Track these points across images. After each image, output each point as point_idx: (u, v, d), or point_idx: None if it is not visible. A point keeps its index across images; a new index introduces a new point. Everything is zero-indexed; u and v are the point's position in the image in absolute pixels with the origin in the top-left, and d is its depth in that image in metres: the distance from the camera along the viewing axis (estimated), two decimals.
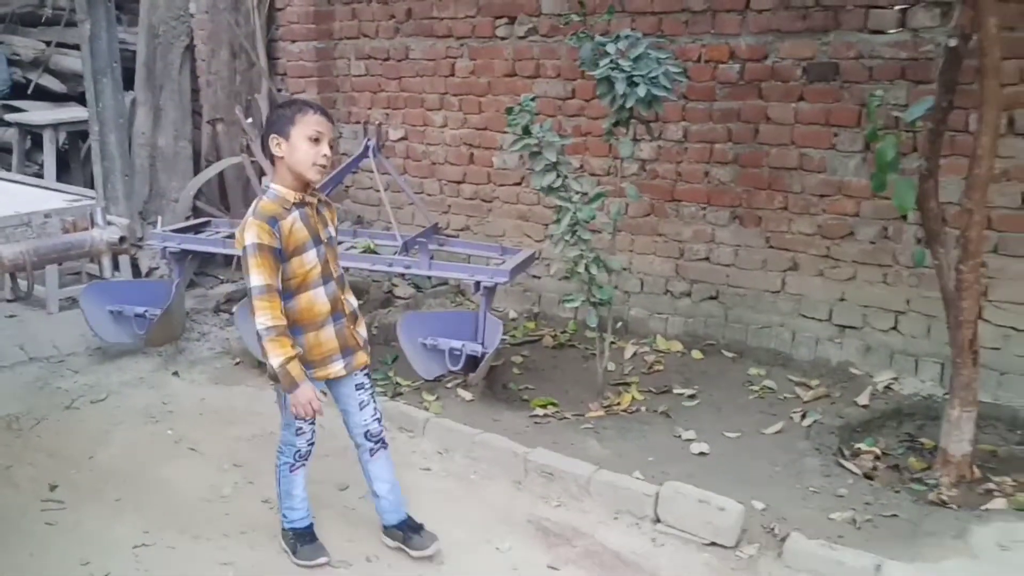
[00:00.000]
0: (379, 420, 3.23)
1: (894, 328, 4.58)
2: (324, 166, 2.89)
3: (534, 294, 5.78)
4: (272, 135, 2.89)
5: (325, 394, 3.11)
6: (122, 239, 3.21)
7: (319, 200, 3.03)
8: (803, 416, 4.25)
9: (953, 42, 3.51)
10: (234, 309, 5.11)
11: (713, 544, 3.33)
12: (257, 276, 2.81)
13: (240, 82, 6.67)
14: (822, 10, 4.52)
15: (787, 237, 4.83)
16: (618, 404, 4.50)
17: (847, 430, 4.15)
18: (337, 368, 3.06)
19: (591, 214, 4.31)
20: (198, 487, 3.82)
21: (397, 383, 4.72)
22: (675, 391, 4.59)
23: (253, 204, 2.92)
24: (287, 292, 2.92)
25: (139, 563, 3.30)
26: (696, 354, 5.03)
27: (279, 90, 6.59)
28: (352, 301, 3.12)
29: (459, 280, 5.54)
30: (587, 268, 4.36)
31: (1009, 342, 4.28)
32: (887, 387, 4.48)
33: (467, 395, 4.57)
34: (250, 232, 2.83)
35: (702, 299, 5.18)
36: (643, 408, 4.44)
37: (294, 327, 2.93)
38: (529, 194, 5.65)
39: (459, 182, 6.04)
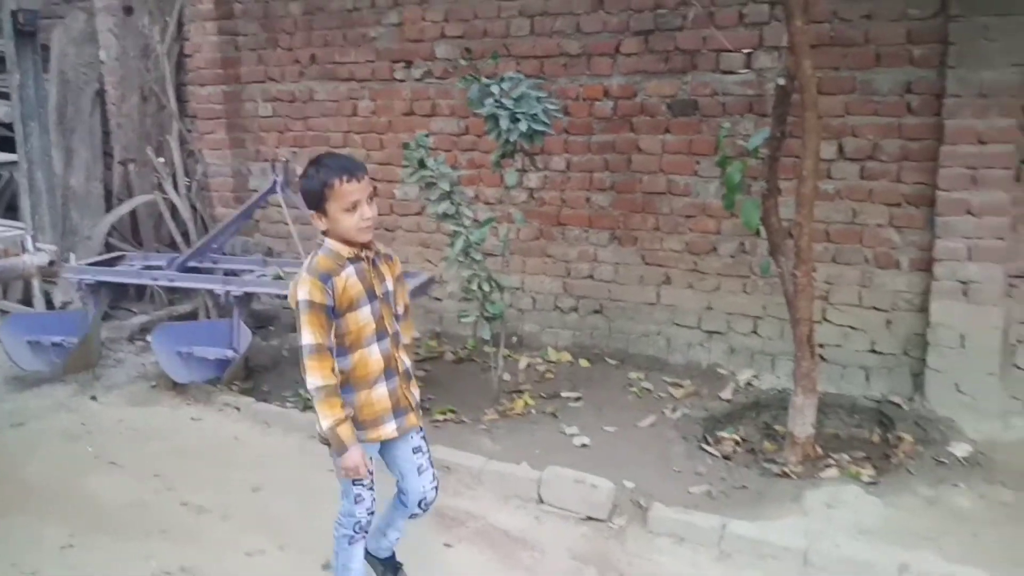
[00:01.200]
0: (436, 488, 3.10)
1: (754, 331, 5.16)
2: (368, 226, 2.76)
3: (436, 315, 6.21)
4: (311, 212, 2.77)
5: (371, 459, 2.94)
6: (51, 263, 3.52)
7: (377, 253, 2.86)
8: (673, 411, 4.77)
9: (782, 81, 4.12)
10: (149, 337, 5.40)
11: (589, 518, 3.80)
12: (308, 335, 2.68)
13: (151, 124, 6.98)
14: (681, 53, 5.13)
15: (660, 254, 5.39)
16: (512, 409, 4.94)
17: (711, 421, 4.68)
18: (389, 429, 2.89)
19: (482, 237, 4.78)
20: (120, 495, 4.11)
21: (307, 397, 5.05)
22: (563, 395, 5.06)
23: (308, 259, 2.79)
24: (340, 349, 2.78)
25: (65, 561, 3.58)
26: (583, 363, 5.53)
27: (189, 131, 6.93)
28: (406, 360, 2.94)
29: None
30: (480, 286, 4.83)
31: (848, 339, 4.89)
32: (748, 383, 5.05)
33: None
34: (303, 289, 2.70)
35: (588, 313, 5.69)
36: (534, 411, 4.90)
37: (345, 386, 2.80)
38: (429, 222, 6.09)
39: None
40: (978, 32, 4.20)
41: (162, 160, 6.16)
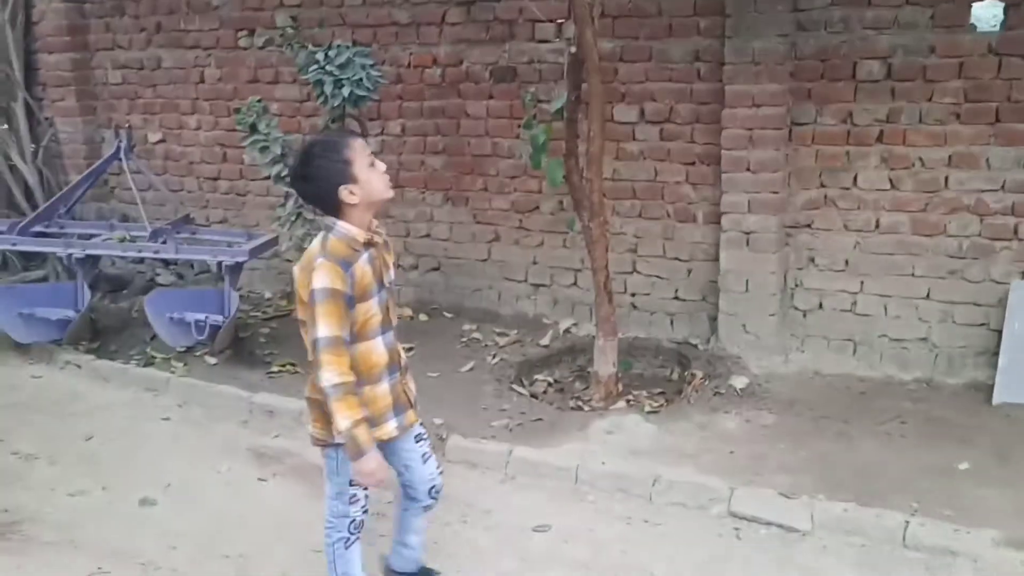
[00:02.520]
0: (442, 472, 2.94)
1: (574, 283, 5.58)
2: (389, 179, 2.62)
3: (288, 276, 6.46)
4: (341, 188, 2.49)
5: None
6: None
7: (384, 240, 2.69)
8: (493, 357, 5.16)
9: (573, 49, 4.49)
10: None
11: None
12: (325, 326, 2.42)
13: None
14: (500, 23, 5.47)
15: (489, 213, 5.75)
16: None
17: (527, 365, 5.09)
18: (390, 428, 2.69)
19: None
20: None
21: (152, 355, 5.28)
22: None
23: (318, 242, 2.54)
24: (349, 340, 2.54)
25: None
26: (423, 317, 5.87)
27: (39, 99, 6.97)
28: (403, 354, 2.78)
29: (205, 261, 6.07)
30: None
31: (655, 288, 5.35)
32: (567, 331, 5.47)
33: (212, 360, 5.21)
34: (322, 276, 2.43)
35: (427, 270, 6.03)
36: None
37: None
38: (279, 187, 6.31)
39: (215, 179, 6.64)
40: (749, 5, 4.64)
41: (6, 127, 6.20)
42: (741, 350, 4.97)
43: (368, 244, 2.55)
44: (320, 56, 4.96)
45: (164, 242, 5.47)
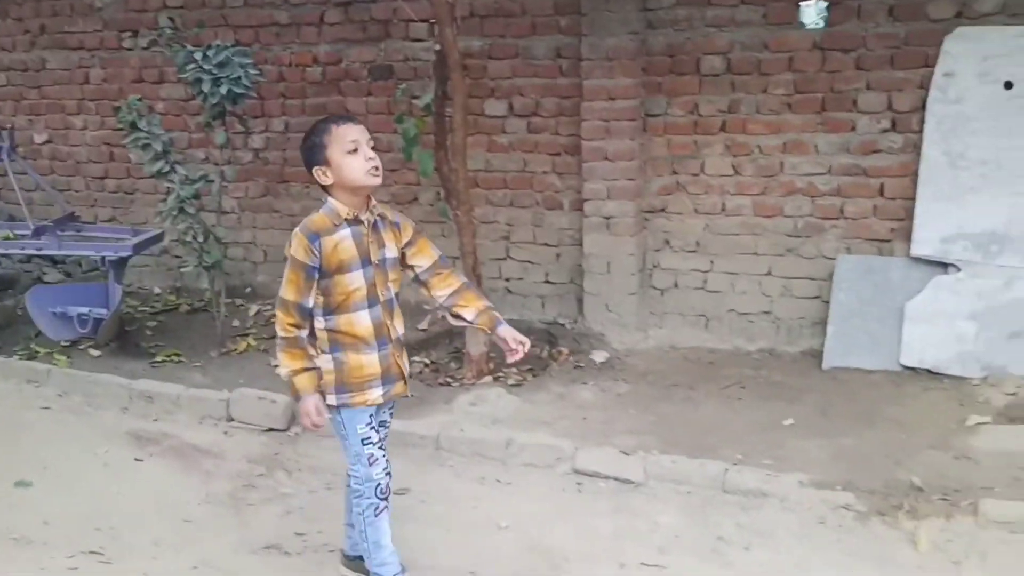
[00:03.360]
0: (388, 473, 2.90)
1: None
2: (376, 167, 2.69)
3: (177, 272, 6.58)
4: (314, 168, 2.71)
5: (369, 423, 2.84)
6: None
7: (380, 217, 2.81)
8: None
9: (438, 47, 4.77)
10: None
11: (270, 429, 4.37)
12: (282, 288, 2.70)
13: None
14: (376, 23, 5.72)
15: None
16: (235, 350, 5.43)
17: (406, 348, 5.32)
18: (376, 395, 2.80)
19: (193, 192, 5.21)
20: None
21: (35, 349, 5.36)
22: None
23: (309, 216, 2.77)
24: (328, 308, 2.74)
25: None
26: None
27: None
28: (399, 328, 2.88)
29: (91, 258, 6.17)
30: (195, 237, 5.27)
31: (528, 272, 5.66)
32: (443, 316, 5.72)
33: (96, 353, 5.32)
34: (291, 244, 2.70)
35: None
36: (254, 351, 5.40)
37: (334, 344, 2.75)
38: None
39: (102, 178, 6.73)
40: (601, 4, 4.98)
41: None
42: (604, 328, 5.30)
43: (354, 220, 2.71)
44: (198, 55, 5.14)
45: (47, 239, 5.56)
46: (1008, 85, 4.37)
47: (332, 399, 2.78)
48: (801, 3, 4.79)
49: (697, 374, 4.82)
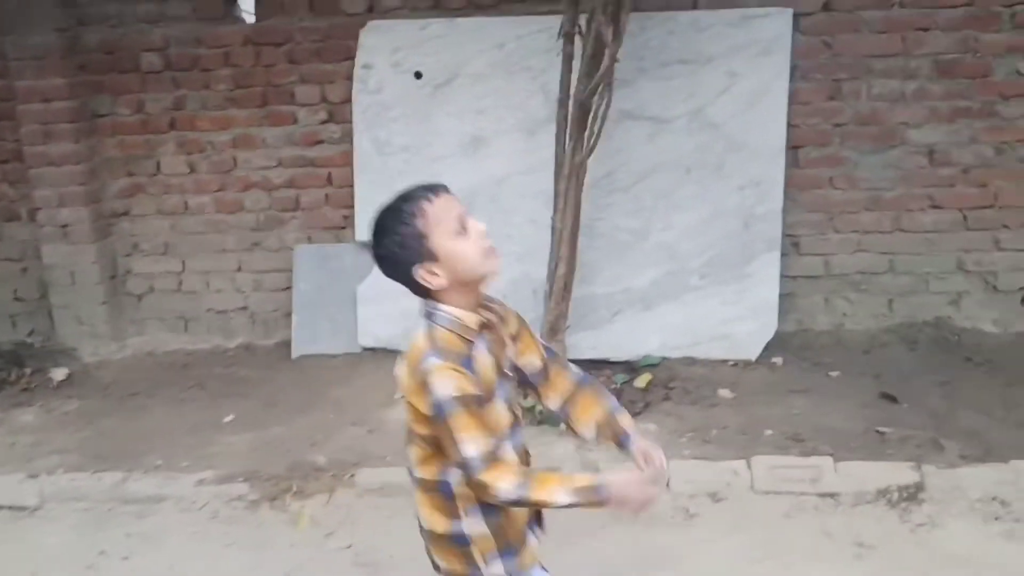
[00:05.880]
0: None
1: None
2: (494, 247, 1.86)
3: None
4: (415, 269, 1.81)
5: None
6: None
7: (495, 312, 1.96)
8: None
9: None
10: None
11: None
12: (471, 442, 1.75)
13: None
14: None
15: None
16: None
17: None
18: (533, 544, 1.99)
19: None
20: None
21: None
22: None
23: (423, 335, 1.83)
24: None
25: None
26: None
27: None
28: (529, 452, 2.06)
29: None
30: None
31: None
32: None
33: None
34: (443, 382, 1.76)
35: None
36: None
37: (485, 504, 1.86)
38: None
39: None
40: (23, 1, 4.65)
41: None
42: (78, 341, 5.03)
43: (484, 327, 1.89)
44: None
45: None
46: (418, 75, 4.67)
47: (497, 569, 1.93)
48: None
49: (163, 379, 4.71)
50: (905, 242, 4.71)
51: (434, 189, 1.83)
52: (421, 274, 1.81)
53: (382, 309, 4.74)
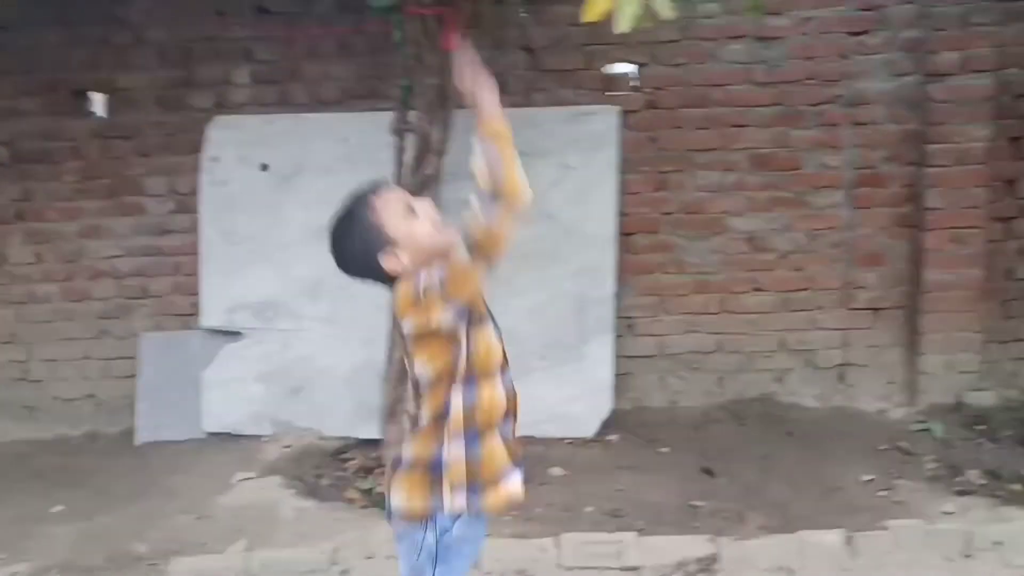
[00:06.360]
0: None
1: None
2: (439, 220, 2.06)
3: None
4: (380, 256, 1.99)
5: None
6: None
7: None
8: None
9: None
10: None
11: None
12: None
13: None
14: None
15: None
16: None
17: None
18: (518, 483, 2.10)
19: None
20: None
21: None
22: None
23: (404, 282, 2.00)
24: (469, 377, 2.03)
25: None
26: None
27: None
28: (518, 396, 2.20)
29: None
30: None
31: None
32: None
33: None
34: (437, 305, 1.95)
35: None
36: None
37: (470, 432, 2.02)
38: None
39: None
40: None
41: None
42: None
43: None
44: None
45: None
46: (264, 167, 4.83)
47: (460, 501, 2.03)
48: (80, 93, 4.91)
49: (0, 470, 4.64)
50: (732, 323, 4.98)
51: (374, 186, 2.05)
52: (387, 260, 1.99)
53: (228, 394, 4.79)
